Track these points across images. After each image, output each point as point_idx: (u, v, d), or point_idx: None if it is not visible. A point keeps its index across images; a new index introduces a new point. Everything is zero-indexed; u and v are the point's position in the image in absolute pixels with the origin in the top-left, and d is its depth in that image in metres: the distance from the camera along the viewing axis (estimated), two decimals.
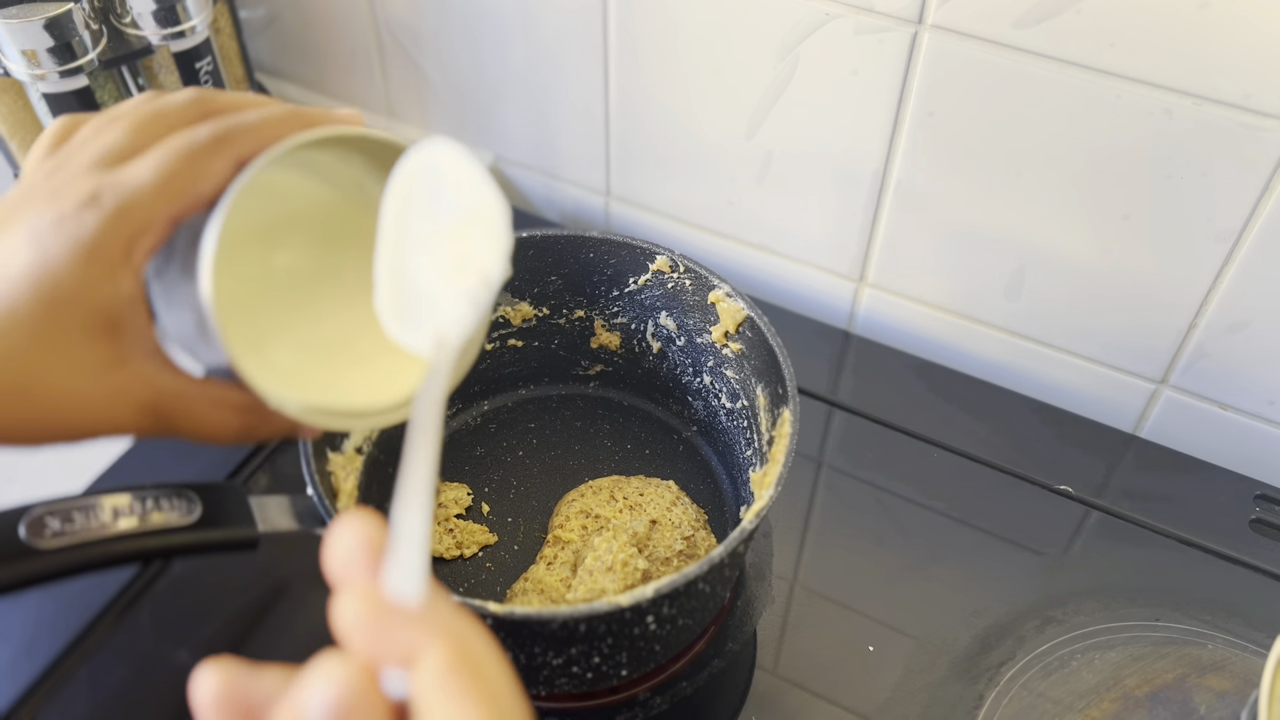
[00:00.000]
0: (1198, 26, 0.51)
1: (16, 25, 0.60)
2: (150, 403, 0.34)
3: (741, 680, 0.54)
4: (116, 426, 0.33)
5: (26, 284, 0.31)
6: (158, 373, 0.34)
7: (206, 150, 0.33)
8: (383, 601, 0.24)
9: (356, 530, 0.25)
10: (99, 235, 0.31)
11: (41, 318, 0.31)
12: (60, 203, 0.32)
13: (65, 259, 0.31)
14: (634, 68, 0.70)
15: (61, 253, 0.31)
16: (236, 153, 0.33)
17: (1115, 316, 0.64)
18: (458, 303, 0.33)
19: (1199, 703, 0.52)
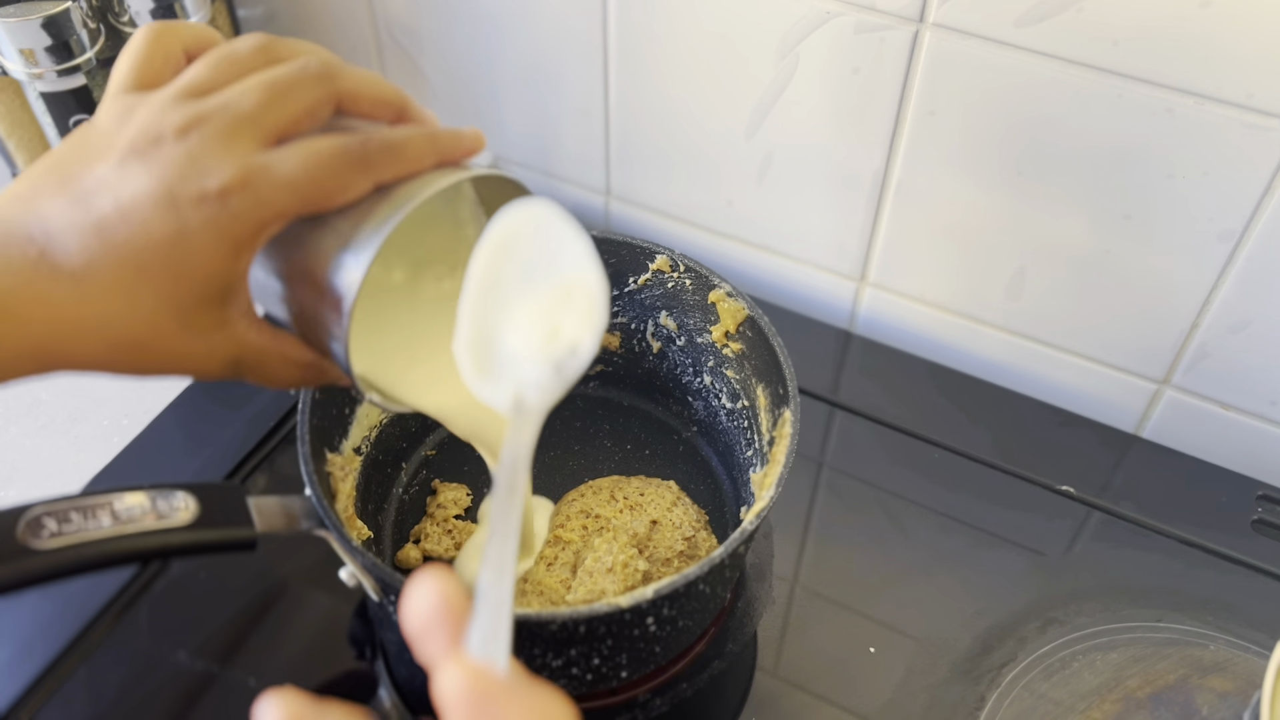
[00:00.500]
0: (1200, 25, 0.51)
1: (14, 24, 0.60)
2: (235, 357, 0.37)
3: (742, 682, 0.54)
4: (200, 372, 0.37)
5: (163, 252, 0.33)
6: (249, 332, 0.37)
7: (354, 169, 0.34)
8: (485, 675, 0.24)
9: (437, 589, 0.25)
10: (239, 222, 0.33)
11: (171, 285, 0.34)
12: (203, 176, 0.33)
13: (204, 239, 0.33)
14: (634, 67, 0.69)
15: (201, 232, 0.33)
16: (379, 177, 0.35)
17: (1117, 316, 0.64)
18: (544, 370, 0.35)
19: (1201, 704, 0.52)
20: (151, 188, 0.33)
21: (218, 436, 0.63)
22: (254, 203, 0.33)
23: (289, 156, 0.34)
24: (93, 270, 0.33)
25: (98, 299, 0.33)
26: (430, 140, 0.36)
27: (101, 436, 0.65)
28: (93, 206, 0.33)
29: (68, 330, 0.33)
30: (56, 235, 0.33)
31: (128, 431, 0.64)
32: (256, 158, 0.33)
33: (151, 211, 0.33)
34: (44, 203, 0.34)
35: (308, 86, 0.35)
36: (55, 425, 0.65)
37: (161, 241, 0.33)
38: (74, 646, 0.53)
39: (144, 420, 0.64)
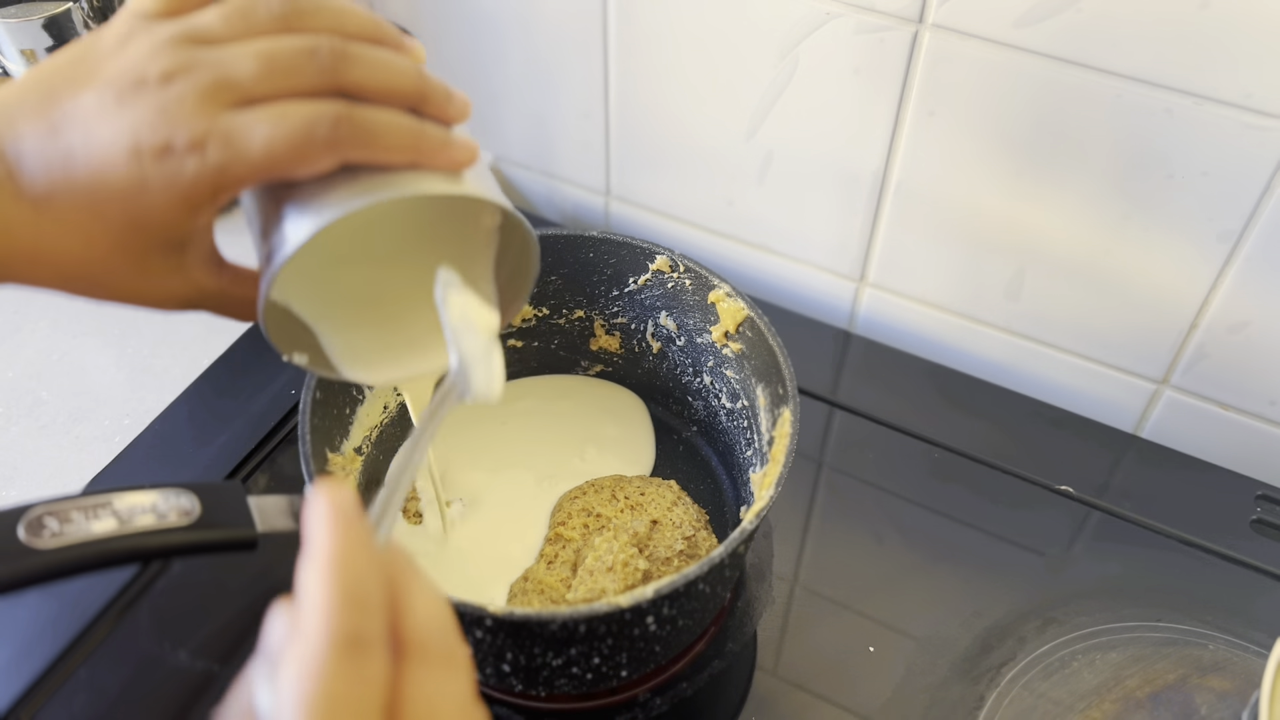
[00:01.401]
0: (1198, 26, 0.51)
1: (16, 25, 0.60)
2: (192, 298, 0.37)
3: (741, 681, 0.54)
4: (156, 308, 0.37)
5: (120, 201, 0.33)
6: (207, 278, 0.37)
7: (321, 145, 0.33)
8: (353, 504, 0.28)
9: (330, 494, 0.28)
10: (196, 181, 0.33)
11: (126, 234, 0.34)
12: (170, 131, 0.32)
13: (160, 193, 0.33)
14: (634, 68, 0.69)
15: (158, 186, 0.33)
16: (345, 156, 0.33)
17: (1116, 316, 0.64)
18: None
19: (1200, 703, 0.52)
20: (120, 132, 0.32)
21: (219, 436, 0.63)
22: (212, 167, 0.32)
23: (256, 124, 0.32)
24: (52, 202, 0.33)
25: (53, 231, 0.33)
26: (412, 137, 0.34)
27: (102, 436, 0.65)
28: (64, 136, 0.33)
29: (23, 254, 0.34)
30: (26, 158, 0.33)
31: (128, 431, 0.64)
32: (223, 119, 0.32)
33: (115, 156, 0.33)
34: (23, 119, 0.34)
35: (308, 72, 0.33)
36: (56, 425, 0.65)
37: (119, 188, 0.33)
38: (74, 646, 0.53)
39: (145, 420, 0.64)
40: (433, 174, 0.35)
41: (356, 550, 0.27)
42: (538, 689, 0.49)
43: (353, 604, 0.25)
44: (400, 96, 0.35)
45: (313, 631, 0.25)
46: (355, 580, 0.26)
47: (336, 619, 0.25)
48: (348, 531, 0.27)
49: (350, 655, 0.25)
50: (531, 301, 0.61)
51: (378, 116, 0.34)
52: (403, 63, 0.35)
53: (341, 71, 0.34)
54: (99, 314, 0.72)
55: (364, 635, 0.25)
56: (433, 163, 0.35)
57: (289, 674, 0.24)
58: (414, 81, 0.35)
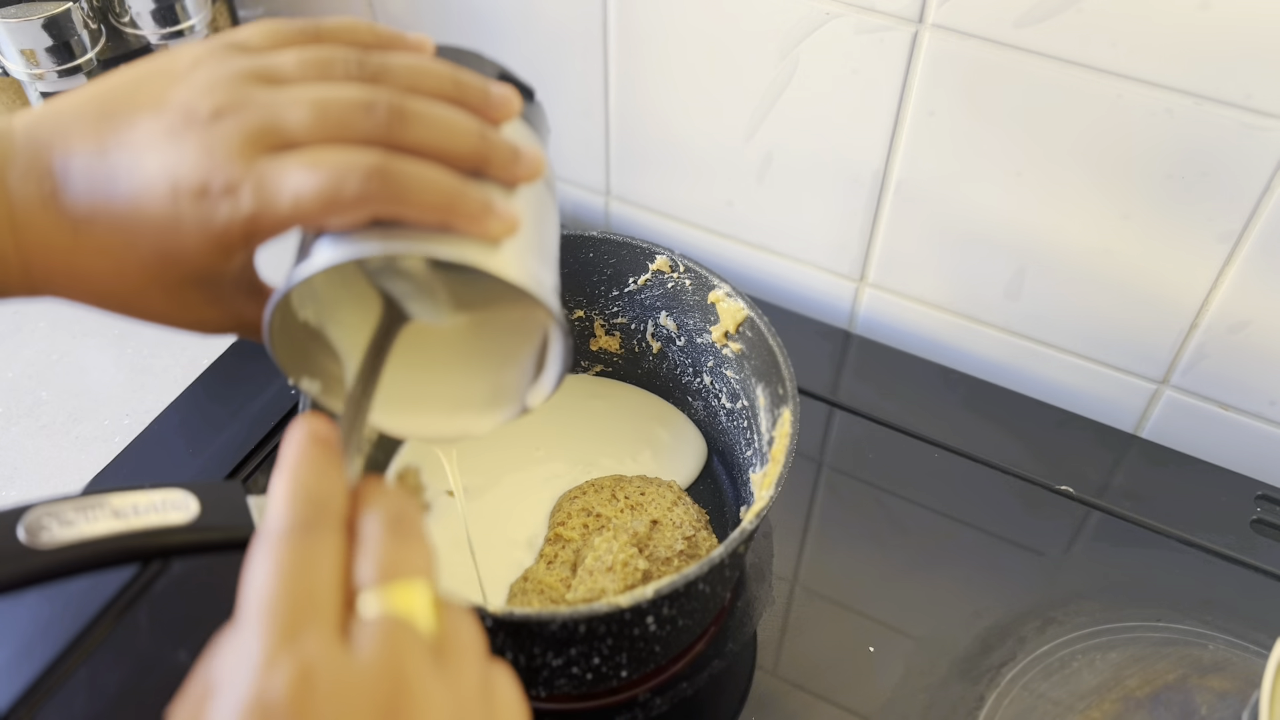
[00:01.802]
0: (1199, 26, 0.51)
1: (15, 25, 0.60)
2: (229, 326, 0.37)
3: (741, 681, 0.54)
4: (197, 332, 0.37)
5: (154, 235, 0.33)
6: (245, 307, 0.37)
7: (350, 200, 0.31)
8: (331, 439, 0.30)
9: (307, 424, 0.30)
10: (228, 226, 0.32)
11: (158, 268, 0.34)
12: (209, 173, 0.32)
13: (193, 234, 0.33)
14: (634, 68, 0.69)
15: (190, 227, 0.33)
16: (373, 213, 0.32)
17: (1116, 316, 0.64)
18: None
19: (1200, 703, 0.52)
20: (163, 165, 0.32)
21: (218, 436, 0.63)
22: (244, 214, 0.32)
23: (288, 173, 0.31)
24: (91, 226, 0.33)
25: (89, 254, 0.34)
26: (447, 199, 0.32)
27: (102, 436, 0.65)
28: (111, 159, 0.33)
29: (61, 272, 0.34)
30: (74, 176, 0.33)
31: (128, 431, 0.64)
32: (260, 165, 0.32)
33: (154, 189, 0.32)
34: (77, 134, 0.33)
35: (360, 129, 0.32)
36: (56, 425, 0.65)
37: (154, 223, 0.33)
38: (74, 646, 0.53)
39: (144, 420, 0.64)
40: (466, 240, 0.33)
41: (318, 461, 0.29)
42: (538, 689, 0.49)
43: (306, 499, 0.28)
44: (458, 160, 0.33)
45: (269, 521, 0.27)
46: (312, 482, 0.28)
47: (289, 509, 0.27)
48: (313, 447, 0.29)
49: (301, 535, 0.27)
50: None
51: (413, 173, 0.32)
52: (465, 122, 0.34)
53: (396, 132, 0.32)
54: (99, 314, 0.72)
55: (313, 523, 0.27)
56: (466, 230, 0.33)
57: (249, 562, 0.27)
58: (474, 143, 0.34)
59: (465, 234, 0.33)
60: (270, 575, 0.26)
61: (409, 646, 0.26)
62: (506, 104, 0.35)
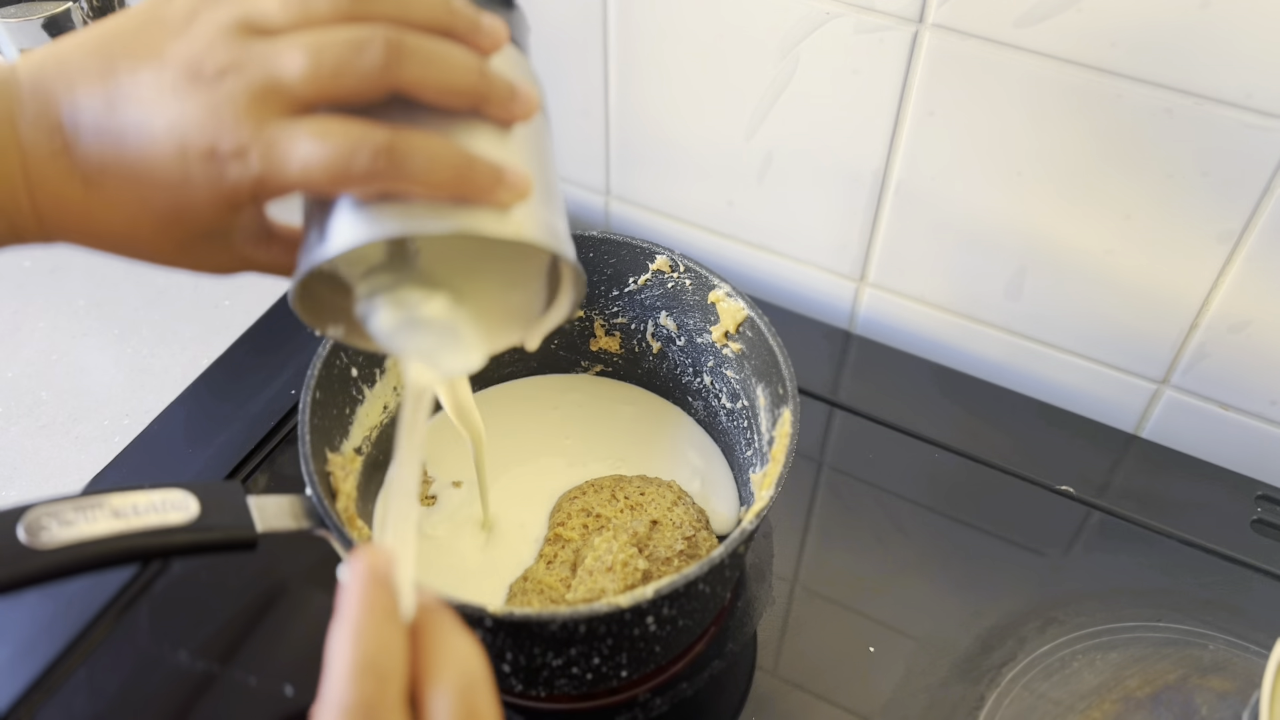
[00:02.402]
0: (1199, 25, 0.51)
1: (15, 24, 0.60)
2: (240, 268, 0.38)
3: (742, 681, 0.54)
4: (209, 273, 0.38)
5: (164, 193, 0.33)
6: (255, 253, 0.37)
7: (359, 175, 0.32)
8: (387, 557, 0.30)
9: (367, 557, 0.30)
10: (237, 186, 0.33)
11: (170, 223, 0.34)
12: (215, 134, 0.32)
13: (202, 192, 0.33)
14: (634, 67, 0.69)
15: (200, 186, 0.33)
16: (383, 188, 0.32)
17: (1116, 316, 0.64)
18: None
19: (1200, 703, 0.52)
20: (171, 124, 0.33)
21: (218, 436, 0.63)
22: (252, 176, 0.33)
23: (297, 142, 0.32)
24: (103, 181, 0.34)
25: (101, 208, 0.34)
26: (456, 174, 0.32)
27: (101, 436, 0.65)
28: (119, 114, 0.33)
29: (74, 222, 0.35)
30: (83, 131, 0.33)
31: (128, 431, 0.64)
32: (269, 129, 0.32)
33: (164, 148, 0.33)
34: (83, 84, 0.34)
35: (357, 70, 0.32)
36: (56, 425, 0.65)
37: (164, 180, 0.33)
38: (74, 646, 0.53)
39: (144, 420, 0.64)
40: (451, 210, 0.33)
41: (381, 619, 0.29)
42: (538, 689, 0.49)
43: (369, 673, 0.28)
44: (457, 97, 0.33)
45: (330, 699, 0.27)
46: (375, 649, 0.28)
47: (352, 688, 0.27)
48: (375, 600, 0.29)
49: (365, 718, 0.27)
50: None
51: (422, 149, 0.32)
52: (463, 59, 0.33)
53: (393, 70, 0.32)
54: (99, 314, 0.72)
55: (377, 702, 0.27)
56: (479, 202, 0.33)
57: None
58: (473, 81, 0.33)
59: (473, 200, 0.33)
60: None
61: None
62: (496, 34, 0.35)
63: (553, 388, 0.65)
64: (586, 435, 0.63)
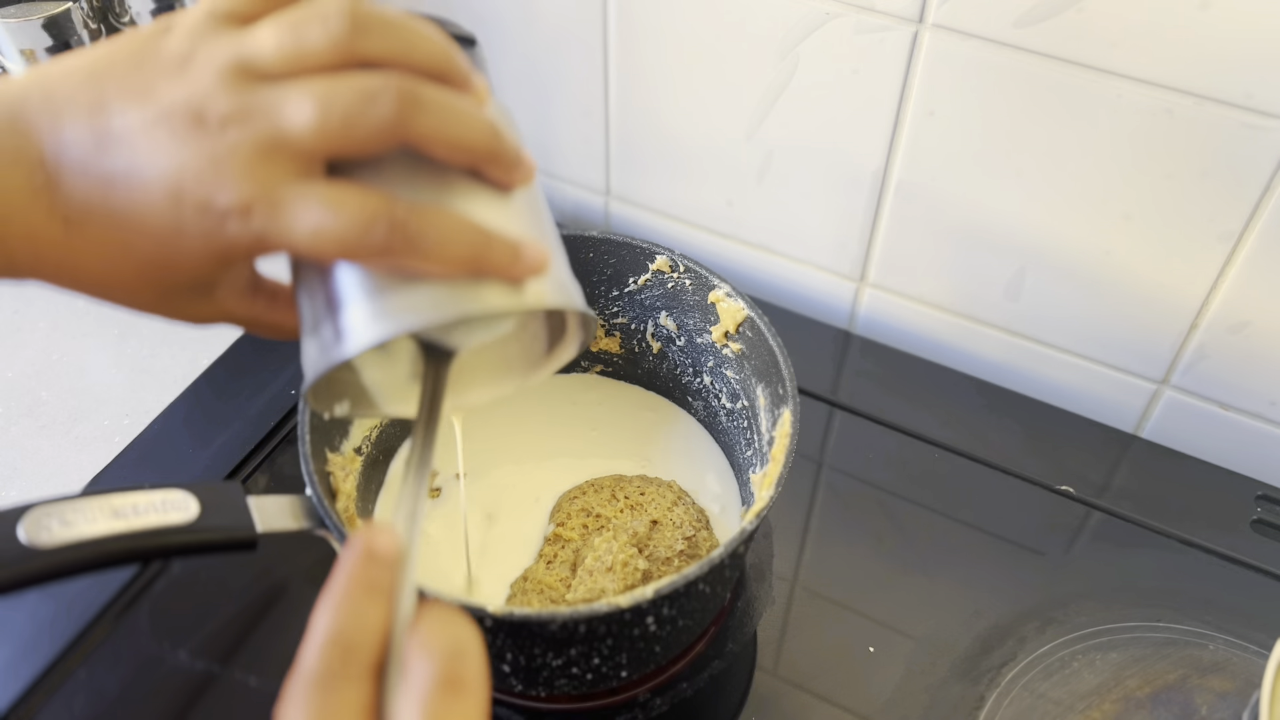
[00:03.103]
0: (1199, 26, 0.51)
1: (15, 25, 0.60)
2: (219, 321, 0.37)
3: (742, 681, 0.54)
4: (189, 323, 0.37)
5: (152, 243, 0.32)
6: (237, 307, 0.36)
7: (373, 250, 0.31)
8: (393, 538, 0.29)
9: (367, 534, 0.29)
10: (234, 243, 0.31)
11: (153, 271, 0.33)
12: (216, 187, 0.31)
13: (194, 245, 0.32)
14: (634, 67, 0.69)
15: (194, 238, 0.32)
16: (397, 264, 0.31)
17: (1116, 316, 0.64)
18: None
19: (1200, 704, 0.52)
20: (166, 173, 0.31)
21: (218, 436, 0.63)
22: (253, 233, 0.31)
23: (308, 207, 0.30)
24: (85, 225, 0.32)
25: (82, 252, 0.33)
26: (473, 252, 0.31)
27: (102, 436, 0.65)
28: (109, 156, 0.31)
29: (50, 264, 0.33)
30: (66, 170, 0.32)
31: (128, 431, 0.64)
32: (277, 189, 0.30)
33: (156, 197, 0.31)
34: (69, 119, 0.32)
35: (370, 122, 0.31)
36: (56, 425, 0.65)
37: (153, 230, 0.32)
38: (74, 646, 0.53)
39: (144, 420, 0.64)
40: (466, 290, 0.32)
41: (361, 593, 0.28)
42: (538, 689, 0.49)
43: (336, 645, 0.27)
44: (468, 155, 0.32)
45: (297, 667, 0.28)
46: (348, 621, 0.28)
47: (317, 657, 0.27)
48: (359, 573, 0.29)
49: (323, 687, 0.27)
50: None
51: (438, 227, 0.31)
52: (475, 114, 0.32)
53: (406, 124, 0.31)
54: (99, 314, 0.72)
55: (338, 672, 0.27)
56: (490, 273, 0.32)
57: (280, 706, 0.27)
58: (486, 140, 0.32)
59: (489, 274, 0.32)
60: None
61: None
62: (485, 84, 0.34)
63: (553, 388, 0.65)
64: (586, 435, 0.63)
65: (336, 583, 0.28)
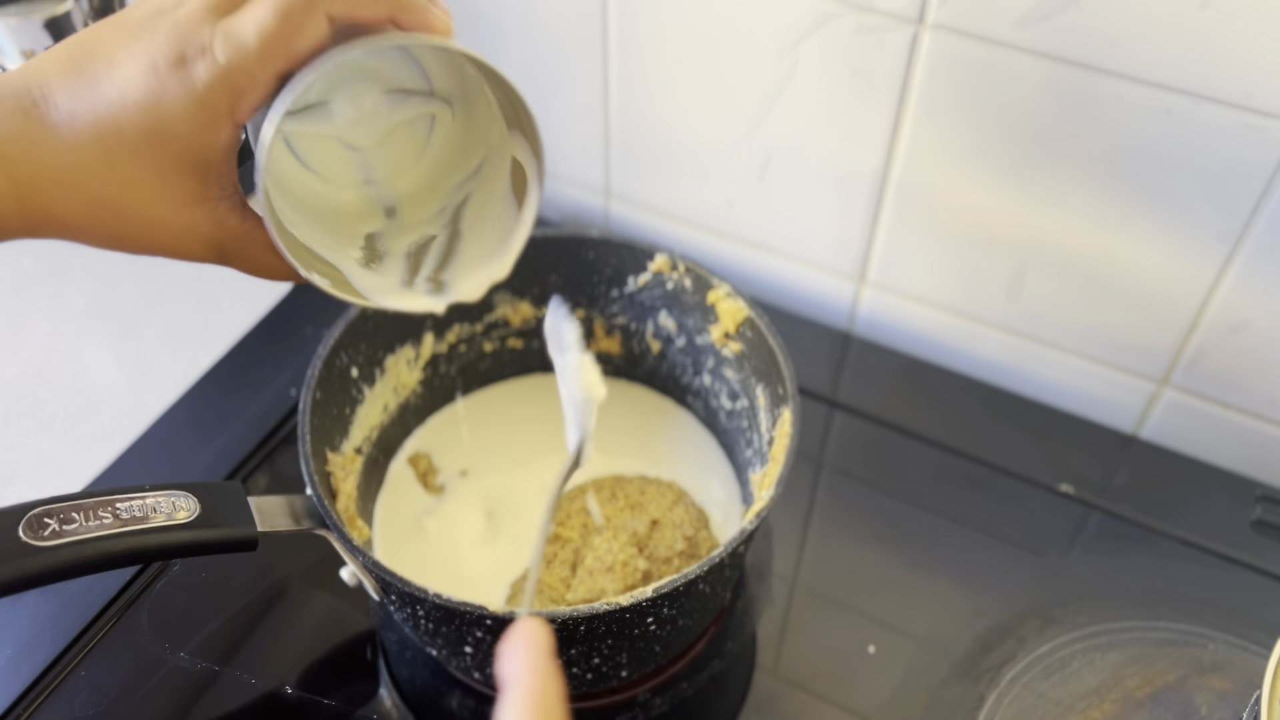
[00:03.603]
0: (1198, 26, 0.51)
1: (16, 25, 0.60)
2: (217, 239, 0.38)
3: (741, 681, 0.54)
4: (182, 249, 0.38)
5: (139, 114, 0.34)
6: (230, 213, 0.37)
7: (301, 9, 0.34)
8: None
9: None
10: (209, 88, 0.34)
11: (146, 147, 0.35)
12: (181, 43, 0.34)
13: (177, 102, 0.34)
14: (634, 67, 0.69)
15: (175, 95, 0.34)
16: (326, 10, 0.34)
17: (1116, 316, 0.64)
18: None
19: (1200, 703, 0.52)
20: (140, 54, 0.34)
21: (219, 436, 0.63)
22: (222, 71, 0.34)
23: (247, 13, 0.34)
24: (75, 122, 0.34)
25: (76, 150, 0.35)
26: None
27: (102, 436, 0.65)
28: (88, 71, 0.35)
29: (48, 178, 0.35)
30: (51, 92, 0.35)
31: (129, 431, 0.64)
32: (221, 24, 0.34)
33: (136, 75, 0.34)
34: (50, 67, 0.35)
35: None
36: (56, 425, 0.65)
37: (139, 104, 0.34)
38: (74, 646, 0.53)
39: (145, 420, 0.64)
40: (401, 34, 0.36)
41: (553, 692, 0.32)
42: None
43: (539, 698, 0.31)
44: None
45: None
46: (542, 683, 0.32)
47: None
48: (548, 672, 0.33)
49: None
50: (531, 302, 0.61)
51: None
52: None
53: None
54: (99, 314, 0.72)
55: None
56: (411, 18, 0.36)
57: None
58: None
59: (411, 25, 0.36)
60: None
61: None
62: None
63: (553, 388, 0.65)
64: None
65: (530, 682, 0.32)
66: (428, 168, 0.44)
